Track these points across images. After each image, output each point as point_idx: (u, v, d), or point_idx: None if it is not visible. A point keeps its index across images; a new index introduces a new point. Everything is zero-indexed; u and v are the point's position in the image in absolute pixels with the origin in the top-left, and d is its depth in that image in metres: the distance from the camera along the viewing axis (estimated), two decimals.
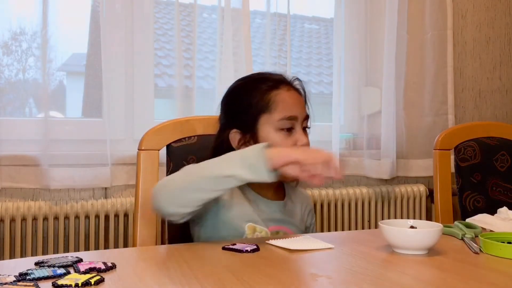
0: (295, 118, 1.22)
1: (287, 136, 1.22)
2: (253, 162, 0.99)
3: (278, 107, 1.21)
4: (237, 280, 0.79)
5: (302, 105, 1.27)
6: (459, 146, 1.65)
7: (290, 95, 1.25)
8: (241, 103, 1.26)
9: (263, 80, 1.26)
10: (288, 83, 1.27)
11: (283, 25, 2.27)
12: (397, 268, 0.89)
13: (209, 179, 1.03)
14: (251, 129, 1.23)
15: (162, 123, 1.39)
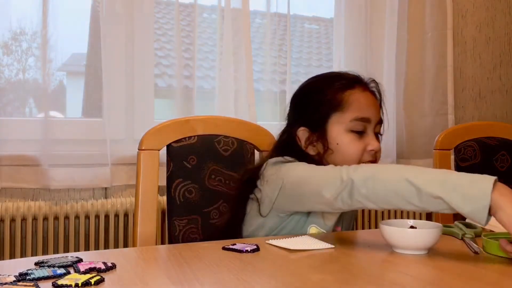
0: (368, 121, 1.17)
1: (357, 139, 1.17)
2: (474, 193, 0.87)
3: (351, 107, 1.16)
4: (237, 280, 0.79)
5: (376, 108, 1.21)
6: (459, 146, 1.65)
7: (365, 96, 1.19)
8: (312, 100, 1.21)
9: (337, 78, 1.21)
10: (363, 83, 1.22)
11: (283, 25, 2.27)
12: (397, 268, 0.89)
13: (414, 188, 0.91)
14: (320, 127, 1.18)
15: (162, 123, 1.39)
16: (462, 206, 0.87)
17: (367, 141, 1.17)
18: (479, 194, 0.86)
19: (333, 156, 1.17)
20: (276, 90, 2.24)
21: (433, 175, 0.93)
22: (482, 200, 0.85)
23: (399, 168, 0.98)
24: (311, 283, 0.79)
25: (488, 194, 0.86)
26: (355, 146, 1.16)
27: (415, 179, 0.92)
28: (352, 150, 1.16)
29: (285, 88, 2.23)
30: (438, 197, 0.89)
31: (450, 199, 0.88)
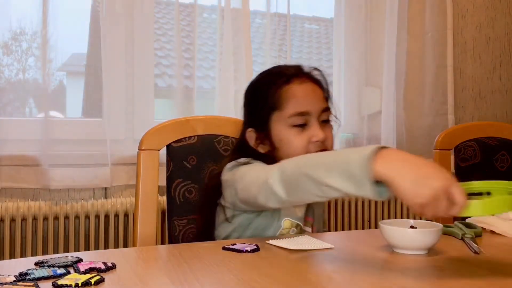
0: (308, 113, 1.17)
1: (300, 133, 1.17)
2: (355, 172, 0.82)
3: (288, 103, 1.17)
4: (237, 280, 0.79)
5: (318, 97, 1.21)
6: (459, 146, 1.65)
7: (302, 89, 1.19)
8: (254, 101, 1.23)
9: (275, 75, 1.22)
10: (302, 75, 1.22)
11: (283, 25, 2.27)
12: (397, 268, 0.89)
13: (313, 182, 0.90)
14: (264, 127, 1.20)
15: (162, 123, 1.39)
16: (354, 191, 0.83)
17: (311, 132, 1.17)
18: (360, 173, 0.81)
19: (281, 153, 1.18)
20: None
21: (325, 164, 0.90)
22: (364, 179, 0.81)
23: (301, 162, 0.96)
24: (311, 283, 0.79)
25: (366, 171, 0.80)
26: (298, 140, 1.16)
27: (311, 172, 0.90)
28: (295, 144, 1.16)
29: None
30: (331, 186, 0.86)
31: (342, 187, 0.85)
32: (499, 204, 0.82)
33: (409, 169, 0.81)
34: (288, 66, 1.25)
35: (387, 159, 0.82)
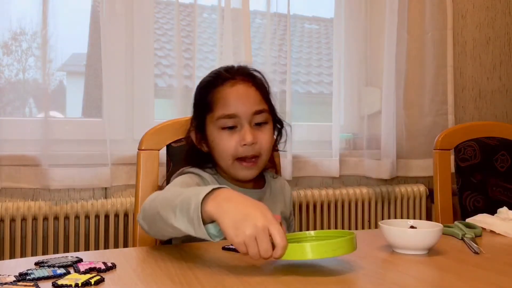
0: (237, 116, 1.16)
1: (230, 135, 1.17)
2: (193, 215, 0.84)
3: (217, 106, 1.18)
4: (237, 280, 0.79)
5: (250, 100, 1.18)
6: (459, 146, 1.65)
7: (232, 91, 1.18)
8: (194, 103, 1.27)
9: (215, 77, 1.23)
10: (238, 77, 1.20)
11: (283, 25, 2.27)
12: (397, 268, 0.89)
13: (163, 221, 0.91)
14: (201, 128, 1.23)
15: (162, 123, 1.40)
16: (194, 233, 0.85)
17: (240, 135, 1.16)
18: (196, 216, 0.83)
19: (214, 153, 1.21)
20: (276, 90, 2.23)
21: (173, 205, 0.90)
22: (198, 221, 0.83)
23: (158, 199, 0.97)
24: (311, 283, 0.79)
25: (198, 214, 0.83)
26: (226, 142, 1.17)
27: (162, 212, 0.91)
28: (224, 146, 1.18)
29: (285, 88, 2.23)
30: (177, 228, 0.88)
31: (185, 229, 0.86)
32: (323, 248, 0.81)
33: (233, 208, 0.83)
34: (228, 68, 1.24)
35: (217, 199, 0.84)
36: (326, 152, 2.33)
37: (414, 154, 2.47)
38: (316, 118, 2.54)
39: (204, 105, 1.22)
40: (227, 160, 1.18)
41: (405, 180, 2.51)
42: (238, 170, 1.19)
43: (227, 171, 1.22)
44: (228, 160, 1.18)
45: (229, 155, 1.18)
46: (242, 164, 1.18)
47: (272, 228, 0.80)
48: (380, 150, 2.40)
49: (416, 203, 2.45)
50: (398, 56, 2.40)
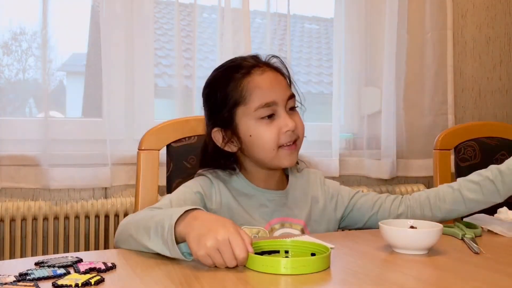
0: (274, 103, 1.12)
1: (269, 124, 1.12)
2: (167, 238, 0.87)
3: (252, 96, 1.12)
4: (237, 280, 0.79)
5: (281, 85, 1.16)
6: (459, 146, 1.65)
7: (265, 79, 1.14)
8: (215, 99, 1.17)
9: (233, 69, 1.17)
10: (262, 65, 1.17)
11: (283, 25, 2.27)
12: (397, 268, 0.89)
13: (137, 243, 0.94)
14: (230, 124, 1.15)
15: (162, 123, 1.39)
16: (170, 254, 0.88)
17: (280, 123, 1.13)
18: (169, 238, 0.86)
19: (251, 149, 1.15)
20: None
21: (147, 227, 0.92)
22: (172, 243, 0.86)
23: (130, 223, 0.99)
24: (311, 283, 0.79)
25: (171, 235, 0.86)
26: (268, 132, 1.12)
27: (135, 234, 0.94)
28: (266, 137, 1.12)
29: None
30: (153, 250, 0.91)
31: (161, 250, 0.89)
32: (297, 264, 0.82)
33: (199, 225, 0.86)
34: (244, 58, 1.20)
35: (186, 218, 0.87)
36: (326, 152, 2.33)
37: (414, 154, 2.47)
38: (316, 118, 2.54)
39: (232, 99, 1.14)
40: (272, 150, 1.13)
41: (405, 180, 2.51)
42: (284, 157, 1.14)
43: (270, 162, 1.15)
44: (273, 150, 1.13)
45: (273, 144, 1.13)
46: (286, 150, 1.14)
47: (232, 240, 0.82)
48: (380, 150, 2.40)
49: None
50: (398, 56, 2.40)
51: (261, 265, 0.82)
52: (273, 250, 0.93)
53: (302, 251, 0.92)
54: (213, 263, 0.83)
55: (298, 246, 0.94)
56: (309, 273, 0.81)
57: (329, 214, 1.26)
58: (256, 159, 1.17)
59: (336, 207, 1.27)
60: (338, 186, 1.30)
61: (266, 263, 0.82)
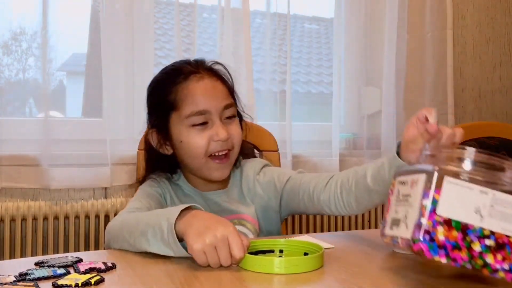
0: (207, 112, 1.12)
1: (201, 132, 1.12)
2: (169, 240, 0.87)
3: (185, 103, 1.12)
4: (237, 280, 0.79)
5: (218, 94, 1.14)
6: None
7: (200, 86, 1.13)
8: (153, 102, 1.19)
9: (175, 72, 1.17)
10: (202, 71, 1.16)
11: (283, 25, 2.27)
12: (397, 268, 0.89)
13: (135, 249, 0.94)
14: (164, 128, 1.15)
15: None
16: (174, 254, 0.88)
17: (212, 131, 1.12)
18: (171, 239, 0.86)
19: (182, 155, 1.15)
20: (276, 90, 2.24)
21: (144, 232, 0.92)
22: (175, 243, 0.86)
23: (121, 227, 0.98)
24: (311, 283, 0.79)
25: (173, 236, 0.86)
26: (198, 139, 1.12)
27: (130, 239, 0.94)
28: (195, 144, 1.12)
29: (285, 88, 2.23)
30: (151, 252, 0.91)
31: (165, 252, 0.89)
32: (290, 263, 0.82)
33: (198, 222, 0.86)
34: (187, 62, 1.19)
35: (185, 217, 0.88)
36: (326, 152, 2.33)
37: None
38: (316, 118, 2.54)
39: (167, 103, 1.14)
40: (200, 158, 1.13)
41: None
42: (212, 169, 1.15)
43: (199, 171, 1.16)
44: (201, 159, 1.13)
45: (202, 153, 1.13)
46: (215, 161, 1.14)
47: (231, 239, 0.82)
48: (380, 150, 2.40)
49: None
50: (398, 56, 2.40)
51: (255, 264, 0.83)
52: (268, 249, 0.94)
53: (295, 250, 0.93)
54: (206, 262, 0.83)
55: (292, 245, 0.94)
56: (303, 272, 0.82)
57: (266, 203, 1.23)
58: (187, 166, 1.18)
59: (271, 195, 1.23)
60: (276, 172, 1.25)
61: (259, 262, 0.83)
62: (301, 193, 1.16)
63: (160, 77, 1.20)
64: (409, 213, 0.71)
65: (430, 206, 0.67)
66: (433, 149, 0.79)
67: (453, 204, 0.68)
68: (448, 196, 0.68)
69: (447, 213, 0.67)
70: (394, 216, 0.76)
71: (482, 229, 0.67)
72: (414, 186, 0.72)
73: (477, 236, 0.67)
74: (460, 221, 0.67)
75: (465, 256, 0.67)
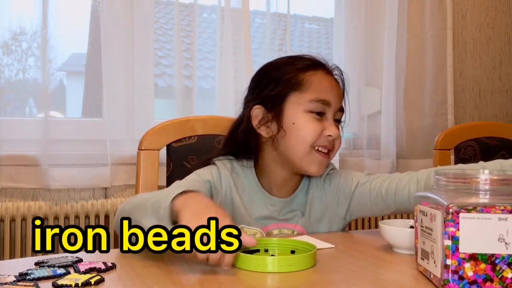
0: (328, 104, 1.11)
1: (315, 120, 1.10)
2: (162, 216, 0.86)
3: (312, 87, 1.11)
4: (237, 280, 0.79)
5: (339, 94, 1.16)
6: (459, 146, 1.65)
7: (327, 80, 1.15)
8: (271, 78, 1.14)
9: (301, 59, 1.17)
10: (327, 68, 1.18)
11: (283, 25, 2.27)
12: (397, 268, 0.89)
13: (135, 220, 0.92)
14: (276, 106, 1.11)
15: (162, 123, 1.40)
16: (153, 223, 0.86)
17: (326, 125, 1.11)
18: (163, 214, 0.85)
19: (287, 139, 1.11)
20: None
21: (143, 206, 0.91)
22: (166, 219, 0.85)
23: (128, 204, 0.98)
24: (311, 283, 0.79)
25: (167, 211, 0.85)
26: (312, 126, 1.09)
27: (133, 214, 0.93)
28: (308, 130, 1.09)
29: None
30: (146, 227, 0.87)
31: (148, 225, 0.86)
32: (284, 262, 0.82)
33: (196, 203, 0.85)
34: (313, 56, 1.20)
35: (184, 197, 0.86)
36: None
37: (414, 154, 2.47)
38: None
39: (290, 82, 1.12)
40: (307, 146, 1.10)
41: None
42: (313, 162, 1.11)
43: (299, 159, 1.11)
44: (308, 147, 1.10)
45: (310, 140, 1.09)
46: (319, 154, 1.10)
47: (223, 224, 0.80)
48: (380, 150, 2.40)
49: None
50: (398, 56, 2.40)
51: (249, 263, 0.83)
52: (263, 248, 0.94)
53: (285, 249, 0.93)
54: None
55: (282, 244, 0.94)
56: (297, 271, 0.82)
57: (332, 211, 1.20)
58: (285, 153, 1.13)
59: (339, 202, 1.20)
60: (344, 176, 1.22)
61: (252, 261, 0.83)
62: (372, 196, 1.16)
63: (283, 59, 1.19)
64: (434, 249, 0.71)
65: (452, 246, 0.67)
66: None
67: (474, 238, 0.67)
68: (468, 231, 0.67)
69: (471, 248, 0.67)
70: (423, 247, 0.76)
71: (510, 256, 0.67)
72: (433, 221, 0.72)
73: (507, 263, 0.66)
74: (485, 253, 0.66)
75: (498, 286, 0.66)
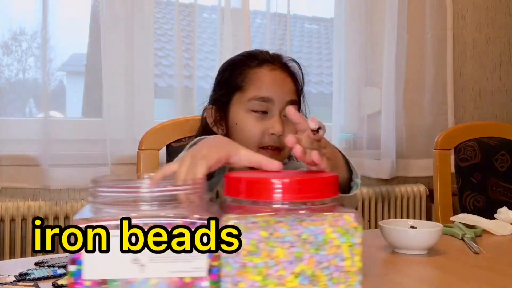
0: (270, 100, 1.08)
1: (258, 119, 1.08)
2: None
3: (252, 86, 1.10)
4: None
5: (286, 88, 1.12)
6: (459, 146, 1.65)
7: (271, 75, 1.12)
8: (220, 79, 1.17)
9: (250, 57, 1.16)
10: (275, 63, 1.14)
11: (283, 25, 2.27)
12: (397, 268, 0.89)
13: None
14: (223, 107, 1.13)
15: (162, 123, 1.40)
16: None
17: (270, 123, 1.07)
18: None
19: (234, 138, 1.08)
20: None
21: None
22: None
23: None
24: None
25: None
26: (253, 126, 1.08)
27: None
28: (250, 131, 1.08)
29: None
30: None
31: None
32: None
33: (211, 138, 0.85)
34: (265, 52, 1.18)
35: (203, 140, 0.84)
36: None
37: (414, 154, 2.47)
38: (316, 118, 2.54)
39: (234, 83, 1.13)
40: (251, 146, 1.07)
41: (405, 180, 2.51)
42: None
43: None
44: (253, 147, 1.07)
45: (255, 140, 1.08)
46: (266, 151, 1.08)
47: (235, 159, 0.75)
48: (380, 150, 2.40)
49: (416, 203, 2.45)
50: (398, 56, 2.40)
51: None
52: None
53: None
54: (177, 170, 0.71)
55: None
56: None
57: None
58: None
59: None
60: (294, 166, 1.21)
61: None
62: None
63: (235, 58, 1.20)
64: None
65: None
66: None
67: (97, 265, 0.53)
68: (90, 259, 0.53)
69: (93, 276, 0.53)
70: None
71: (148, 279, 0.54)
72: None
73: None
74: (116, 279, 0.53)
75: None
